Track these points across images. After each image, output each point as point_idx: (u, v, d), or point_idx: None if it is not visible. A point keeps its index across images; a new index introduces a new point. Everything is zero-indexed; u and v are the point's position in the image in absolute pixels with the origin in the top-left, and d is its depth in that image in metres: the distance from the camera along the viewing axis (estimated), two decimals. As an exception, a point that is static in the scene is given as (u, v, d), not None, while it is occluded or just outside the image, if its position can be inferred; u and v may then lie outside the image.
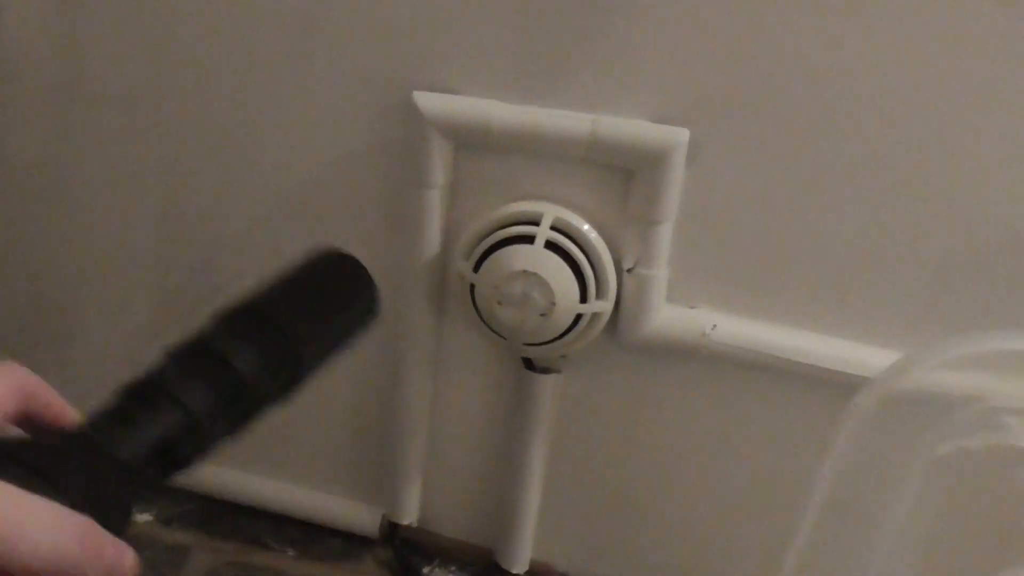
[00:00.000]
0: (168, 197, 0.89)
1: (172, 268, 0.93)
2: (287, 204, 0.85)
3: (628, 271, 0.76)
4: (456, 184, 0.78)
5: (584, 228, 0.75)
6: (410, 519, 0.95)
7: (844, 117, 0.68)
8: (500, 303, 0.73)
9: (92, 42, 0.84)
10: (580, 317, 0.75)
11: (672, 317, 0.77)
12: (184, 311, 0.95)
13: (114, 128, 0.87)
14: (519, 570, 0.93)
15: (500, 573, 0.94)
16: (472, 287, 0.76)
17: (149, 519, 0.98)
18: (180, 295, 0.94)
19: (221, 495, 0.99)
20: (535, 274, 0.72)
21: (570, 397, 0.85)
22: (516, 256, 0.73)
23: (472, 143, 0.76)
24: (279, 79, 0.79)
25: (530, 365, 0.83)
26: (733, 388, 0.79)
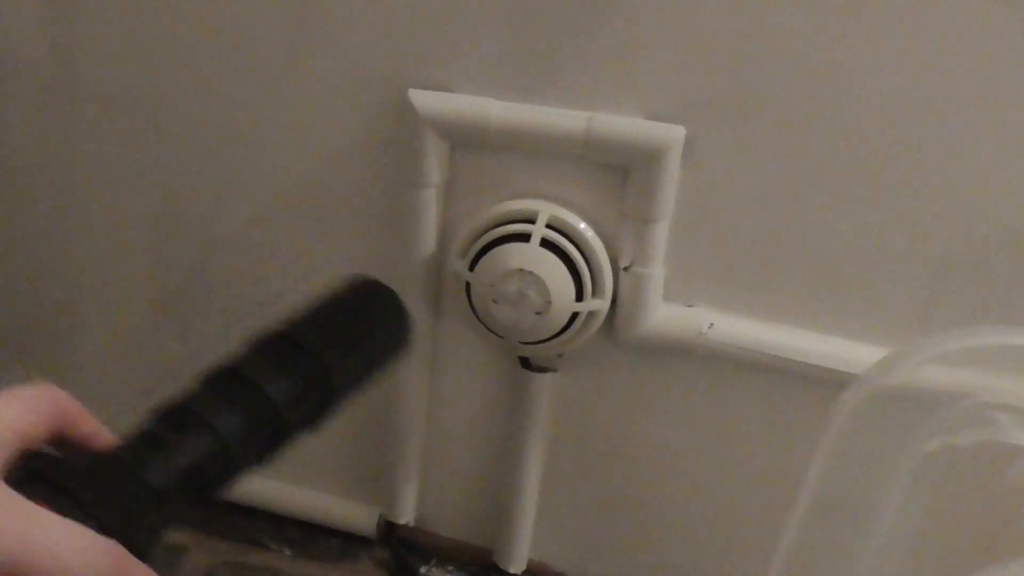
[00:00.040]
0: (164, 196, 0.89)
1: (168, 267, 0.93)
2: (283, 203, 0.85)
3: (624, 269, 0.75)
4: (452, 183, 0.78)
5: (580, 226, 0.74)
6: (407, 519, 0.95)
7: (841, 114, 0.67)
8: (495, 301, 0.73)
9: (88, 41, 0.84)
10: (576, 316, 0.74)
11: (669, 316, 0.77)
12: (181, 310, 0.95)
13: (110, 128, 0.87)
14: (516, 570, 0.93)
15: (497, 573, 0.94)
16: (468, 286, 0.76)
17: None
18: (177, 294, 0.94)
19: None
20: (531, 272, 0.72)
21: (567, 396, 0.85)
22: (511, 254, 0.72)
23: (468, 141, 0.76)
24: (274, 78, 0.79)
25: (527, 364, 0.83)
26: (730, 387, 0.79)
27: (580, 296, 0.74)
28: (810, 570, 0.42)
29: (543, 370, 0.83)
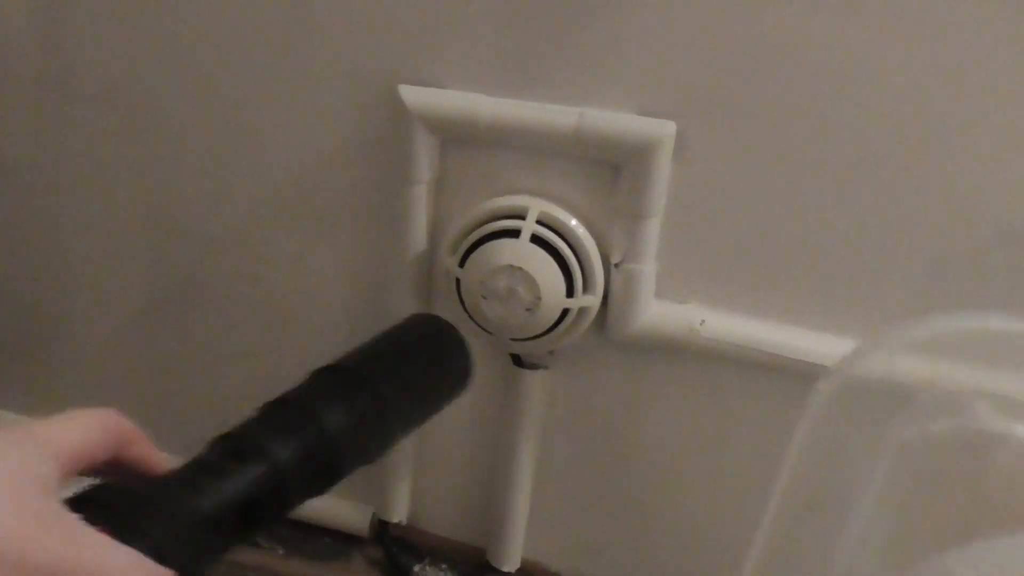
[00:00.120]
0: (156, 194, 0.89)
1: (162, 265, 0.93)
2: (274, 201, 0.84)
3: (616, 266, 0.75)
4: (443, 179, 0.78)
5: (571, 223, 0.74)
6: (400, 517, 0.95)
7: (834, 109, 0.67)
8: (485, 298, 0.73)
9: (78, 39, 0.84)
10: (567, 312, 0.74)
11: (661, 312, 0.77)
12: (175, 309, 0.95)
13: (100, 126, 0.87)
14: (510, 568, 0.93)
15: (491, 571, 0.93)
16: (458, 282, 0.75)
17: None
18: (169, 294, 0.94)
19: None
20: (520, 268, 0.71)
21: (559, 394, 0.84)
22: (501, 250, 0.72)
23: (458, 137, 0.75)
24: (265, 75, 0.79)
25: (518, 361, 0.82)
26: (723, 383, 0.79)
27: (571, 292, 0.73)
28: (788, 561, 0.42)
29: (535, 367, 0.82)
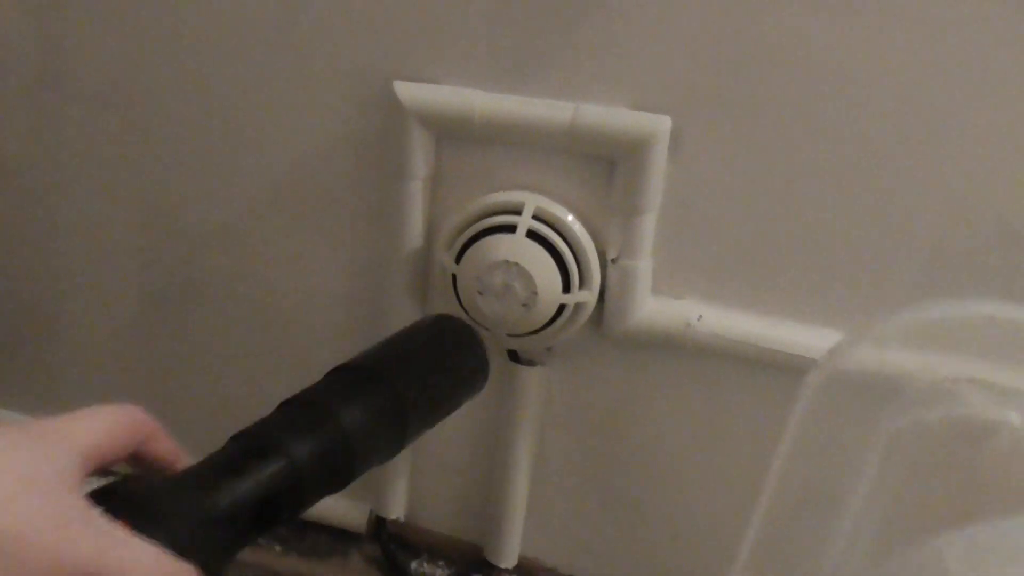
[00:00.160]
0: (150, 192, 0.89)
1: (157, 263, 0.93)
2: (270, 198, 0.84)
3: (612, 262, 0.75)
4: (438, 175, 0.78)
5: (567, 218, 0.74)
6: (397, 514, 0.95)
7: (830, 104, 0.67)
8: (481, 293, 0.73)
9: (75, 37, 0.84)
10: (563, 308, 0.74)
11: (657, 308, 0.77)
12: (171, 306, 0.95)
13: (94, 124, 0.87)
14: (507, 565, 0.93)
15: (488, 568, 0.93)
16: (454, 278, 0.75)
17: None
18: (163, 291, 0.94)
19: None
20: (516, 264, 0.71)
21: (556, 390, 0.84)
22: (497, 246, 0.72)
23: (454, 133, 0.75)
24: (259, 72, 0.79)
25: (515, 358, 0.82)
26: (720, 379, 0.78)
27: (567, 288, 0.73)
28: (781, 552, 0.42)
29: (532, 364, 0.82)
